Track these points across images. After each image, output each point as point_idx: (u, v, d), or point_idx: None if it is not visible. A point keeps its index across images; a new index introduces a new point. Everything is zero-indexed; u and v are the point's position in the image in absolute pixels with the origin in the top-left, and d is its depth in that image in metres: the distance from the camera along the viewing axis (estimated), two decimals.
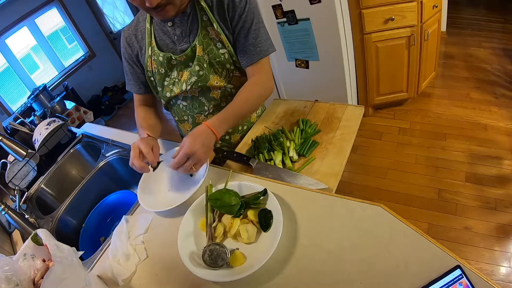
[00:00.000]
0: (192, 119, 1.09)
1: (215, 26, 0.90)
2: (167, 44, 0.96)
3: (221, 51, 0.94)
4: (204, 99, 1.02)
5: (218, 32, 0.91)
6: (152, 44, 0.96)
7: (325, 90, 2.27)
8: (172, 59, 0.95)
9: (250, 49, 0.93)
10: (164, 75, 0.99)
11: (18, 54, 3.89)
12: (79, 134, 1.54)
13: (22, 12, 3.81)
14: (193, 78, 0.96)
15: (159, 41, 0.96)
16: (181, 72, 0.98)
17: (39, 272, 0.68)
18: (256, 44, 0.93)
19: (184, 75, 0.97)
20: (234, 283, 0.67)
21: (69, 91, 3.92)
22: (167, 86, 1.01)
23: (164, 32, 0.94)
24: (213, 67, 0.96)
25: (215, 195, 0.81)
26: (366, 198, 0.75)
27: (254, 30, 0.91)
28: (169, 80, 1.00)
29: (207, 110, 1.04)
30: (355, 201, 0.73)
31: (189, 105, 1.05)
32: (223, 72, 0.98)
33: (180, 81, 0.98)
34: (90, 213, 1.21)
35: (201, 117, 1.07)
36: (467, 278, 0.54)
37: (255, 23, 0.91)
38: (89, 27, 4.51)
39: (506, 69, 2.61)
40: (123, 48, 1.02)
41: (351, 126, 1.03)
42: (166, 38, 0.95)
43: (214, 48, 0.93)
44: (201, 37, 0.92)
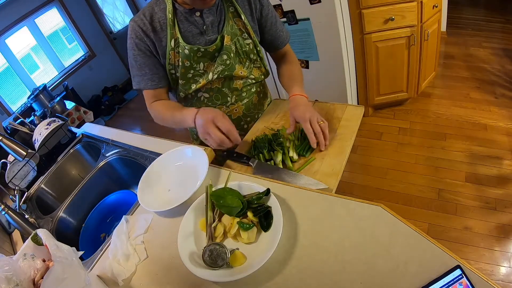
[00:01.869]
0: None
1: (243, 17, 0.96)
2: (193, 35, 0.93)
3: (247, 41, 1.00)
4: (227, 89, 1.05)
5: (245, 23, 0.97)
6: (175, 36, 0.92)
7: (325, 90, 2.27)
8: (200, 50, 0.94)
9: (281, 34, 1.07)
10: (189, 67, 0.97)
11: (18, 54, 3.89)
12: (79, 134, 1.54)
13: (22, 12, 3.81)
14: (220, 67, 0.98)
15: (184, 33, 0.93)
16: (206, 64, 0.99)
17: (39, 272, 0.68)
18: (282, 29, 1.08)
19: (210, 67, 1.00)
20: (234, 283, 0.67)
21: (69, 91, 3.92)
22: (192, 78, 0.99)
23: (191, 22, 0.92)
24: (239, 56, 1.01)
25: (218, 192, 0.81)
26: (366, 198, 0.75)
27: (276, 17, 1.04)
28: (194, 72, 0.98)
29: (229, 101, 1.08)
30: (355, 201, 0.73)
31: (211, 97, 1.06)
32: (246, 62, 1.04)
33: (206, 72, 1.00)
34: (90, 213, 1.21)
35: (223, 108, 1.09)
36: (467, 278, 0.54)
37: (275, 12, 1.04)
38: (89, 27, 4.52)
39: (506, 69, 2.61)
40: (137, 39, 0.92)
41: (351, 126, 1.03)
42: (193, 28, 0.93)
43: (240, 38, 0.98)
44: (229, 27, 0.95)
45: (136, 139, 1.29)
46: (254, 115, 1.19)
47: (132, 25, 0.92)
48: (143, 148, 1.22)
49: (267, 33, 1.05)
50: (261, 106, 1.22)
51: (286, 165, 0.95)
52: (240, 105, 1.12)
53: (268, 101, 1.27)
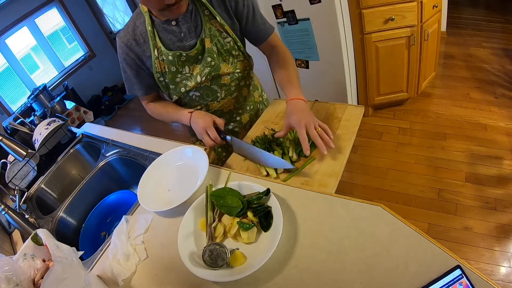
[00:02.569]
0: (205, 107, 1.14)
1: (218, 18, 0.97)
2: (173, 43, 0.98)
3: (227, 40, 1.01)
4: (216, 86, 1.09)
5: (221, 23, 0.98)
6: (157, 46, 0.97)
7: (325, 90, 2.26)
8: (182, 55, 0.98)
9: (262, 27, 1.05)
10: (176, 72, 1.02)
11: (18, 54, 3.89)
12: (79, 134, 1.54)
13: (22, 12, 3.81)
14: (206, 69, 1.02)
15: (165, 41, 0.98)
16: (192, 67, 1.02)
17: (39, 272, 0.68)
18: (263, 22, 1.05)
19: (196, 69, 1.02)
20: (234, 283, 0.67)
21: (69, 91, 3.92)
22: (180, 82, 1.05)
23: (168, 31, 0.97)
24: (221, 55, 1.03)
25: (218, 192, 0.81)
26: (366, 198, 0.75)
27: (257, 11, 1.02)
28: (181, 76, 1.03)
29: (219, 96, 1.12)
30: (355, 201, 0.73)
31: (202, 95, 1.10)
32: (229, 59, 1.05)
33: (193, 75, 1.03)
34: (90, 213, 1.21)
35: (214, 103, 1.13)
36: (467, 278, 0.54)
37: (254, 4, 1.02)
38: (89, 27, 4.51)
39: (506, 69, 2.61)
40: (123, 54, 1.01)
41: (351, 126, 1.03)
42: (172, 37, 0.97)
43: (220, 38, 1.00)
44: (207, 30, 0.97)
45: (136, 139, 1.29)
46: (245, 106, 1.23)
47: (118, 41, 1.01)
48: (143, 148, 1.22)
49: (247, 28, 1.04)
50: (251, 97, 1.24)
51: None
52: (230, 99, 1.15)
53: (259, 92, 1.30)
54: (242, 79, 1.14)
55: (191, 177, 0.95)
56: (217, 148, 1.27)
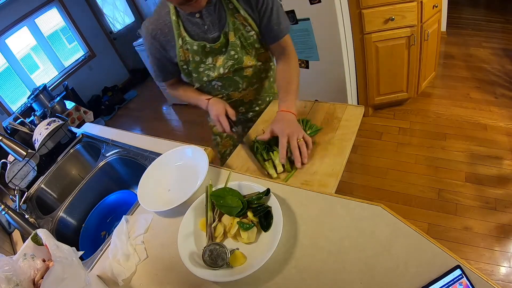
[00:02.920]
0: (226, 97, 1.17)
1: (242, 12, 0.98)
2: (198, 34, 1.01)
3: (250, 34, 1.03)
4: (238, 77, 1.11)
5: (245, 17, 0.99)
6: (182, 35, 1.00)
7: (325, 90, 2.26)
8: (207, 47, 1.01)
9: (275, 28, 1.03)
10: (199, 62, 1.05)
11: (18, 54, 3.89)
12: (79, 134, 1.54)
13: (22, 12, 3.81)
14: (229, 62, 1.04)
15: (190, 32, 1.01)
16: (215, 58, 1.05)
17: (39, 272, 0.68)
18: (279, 23, 1.03)
19: (219, 61, 1.05)
20: (234, 283, 0.67)
21: (69, 91, 3.92)
22: (203, 72, 1.08)
23: (193, 23, 0.99)
24: (244, 49, 1.05)
25: (218, 192, 0.81)
26: (366, 198, 0.75)
27: (275, 10, 1.00)
28: (205, 66, 1.06)
29: (241, 87, 1.15)
30: (355, 201, 0.73)
31: (224, 85, 1.13)
32: (252, 52, 1.07)
33: (216, 66, 1.06)
34: (90, 213, 1.21)
35: (235, 93, 1.16)
36: (467, 278, 0.54)
37: (275, 3, 1.00)
38: (89, 27, 4.52)
39: (506, 69, 2.61)
40: (148, 43, 1.05)
41: (351, 126, 1.03)
42: (196, 28, 1.00)
43: (243, 32, 1.02)
44: (231, 24, 0.99)
45: (136, 139, 1.29)
46: (265, 97, 1.26)
47: (143, 29, 1.04)
48: (143, 148, 1.22)
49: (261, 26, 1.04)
50: (271, 89, 1.27)
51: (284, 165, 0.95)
52: (251, 89, 1.18)
53: None
54: (263, 71, 1.17)
55: (191, 177, 0.95)
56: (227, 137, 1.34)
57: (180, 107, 3.81)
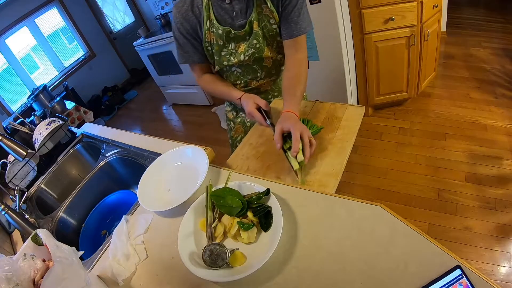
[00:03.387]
0: (244, 84, 1.20)
1: (269, 4, 1.00)
2: (225, 20, 1.04)
3: (273, 26, 1.05)
4: (258, 67, 1.14)
5: (271, 10, 1.01)
6: (210, 18, 1.04)
7: (325, 90, 2.27)
8: (231, 33, 1.04)
9: (292, 25, 1.03)
10: (222, 46, 1.08)
11: (18, 54, 3.89)
12: (79, 134, 1.54)
13: (22, 12, 3.81)
14: (250, 50, 1.07)
15: (218, 16, 1.04)
16: (238, 44, 1.08)
17: (39, 272, 0.68)
18: (297, 21, 1.02)
19: (241, 47, 1.08)
20: (234, 283, 0.67)
21: (69, 91, 3.92)
22: (224, 56, 1.11)
23: (222, 8, 1.02)
24: (266, 40, 1.07)
25: (218, 192, 0.81)
26: (366, 198, 0.75)
27: (298, 8, 1.01)
28: (227, 50, 1.09)
29: (259, 76, 1.17)
30: (355, 201, 0.73)
31: (243, 72, 1.16)
32: (273, 44, 1.10)
33: (238, 52, 1.09)
34: (90, 213, 1.21)
35: (253, 82, 1.19)
36: (467, 278, 0.54)
37: (300, 2, 1.01)
38: (89, 27, 4.52)
39: (506, 69, 2.61)
40: (178, 24, 1.07)
41: (352, 126, 1.03)
42: (224, 14, 1.03)
43: (267, 23, 1.04)
44: (257, 14, 1.01)
45: (136, 139, 1.29)
46: (280, 90, 1.27)
47: (174, 11, 1.08)
48: (143, 148, 1.22)
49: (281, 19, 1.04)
50: None
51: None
52: (269, 80, 1.21)
53: None
54: (283, 64, 1.18)
55: (191, 177, 0.95)
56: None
57: (180, 107, 3.81)
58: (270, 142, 1.08)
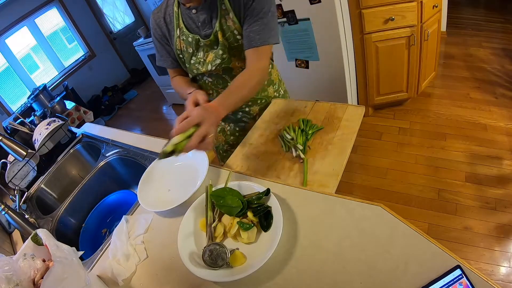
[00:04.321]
0: (216, 93, 1.18)
1: (231, 15, 0.97)
2: (193, 29, 1.04)
3: (238, 37, 1.01)
4: (227, 77, 1.11)
5: (234, 21, 0.98)
6: (180, 26, 1.04)
7: (325, 90, 2.27)
8: (200, 41, 1.04)
9: (251, 36, 0.96)
10: (192, 54, 1.08)
11: (18, 54, 3.89)
12: (79, 134, 1.54)
13: (22, 12, 3.81)
14: (217, 60, 1.05)
15: (187, 25, 1.04)
16: (207, 53, 1.06)
17: (39, 272, 0.68)
18: (259, 31, 0.95)
19: (210, 56, 1.06)
20: (234, 283, 0.67)
21: (69, 91, 3.92)
22: (194, 65, 1.10)
23: (190, 17, 1.02)
24: (232, 50, 1.04)
25: (218, 192, 0.81)
26: (366, 198, 0.75)
27: (260, 18, 0.95)
28: (196, 59, 1.08)
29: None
30: (355, 201, 0.72)
31: (214, 81, 1.14)
32: (241, 54, 1.05)
33: (206, 62, 1.07)
34: (90, 213, 1.21)
35: None
36: (467, 278, 0.54)
37: (264, 12, 0.94)
38: (89, 27, 4.52)
39: (506, 69, 2.61)
40: (153, 29, 1.11)
41: (352, 126, 1.03)
42: (192, 23, 1.03)
43: (231, 34, 1.00)
44: (220, 24, 0.99)
45: (136, 139, 1.29)
46: (256, 100, 1.24)
47: (151, 17, 1.11)
48: (143, 148, 1.22)
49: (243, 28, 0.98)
50: (264, 92, 1.24)
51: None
52: None
53: (275, 87, 1.27)
54: None
55: (191, 177, 0.95)
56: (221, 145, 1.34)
57: (180, 107, 3.81)
58: (270, 142, 1.08)
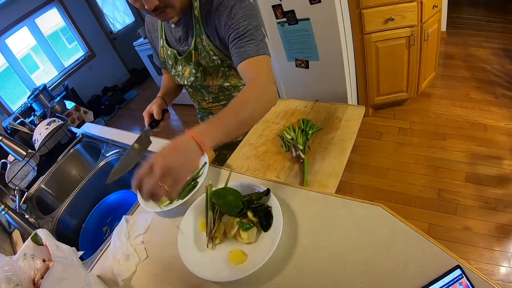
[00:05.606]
0: (197, 102, 1.21)
1: (204, 37, 0.93)
2: (172, 42, 1.04)
3: (214, 57, 0.97)
4: (204, 91, 1.12)
5: (207, 43, 0.94)
6: (163, 37, 1.05)
7: (325, 90, 2.26)
8: (177, 56, 1.04)
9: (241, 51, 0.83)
10: (171, 66, 1.09)
11: (18, 54, 3.89)
12: (79, 134, 1.54)
13: (22, 12, 3.81)
14: (191, 77, 1.05)
15: (167, 37, 1.05)
16: (185, 68, 1.06)
17: (39, 272, 0.68)
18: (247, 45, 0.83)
19: (187, 71, 1.06)
20: (234, 283, 0.67)
21: (69, 91, 3.92)
22: (174, 76, 1.12)
23: (169, 31, 1.02)
24: (208, 70, 1.01)
25: (218, 192, 0.81)
26: (366, 198, 0.75)
27: (247, 35, 0.83)
28: (175, 71, 1.10)
29: (207, 99, 1.15)
30: (355, 201, 0.73)
31: (194, 92, 1.16)
32: (219, 73, 1.03)
33: (184, 75, 1.07)
34: (90, 213, 1.21)
35: (204, 103, 1.17)
36: (467, 278, 0.54)
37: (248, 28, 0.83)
38: (89, 27, 4.52)
39: (506, 69, 2.61)
40: (147, 31, 1.14)
41: (352, 126, 1.03)
42: (171, 36, 1.03)
43: (207, 54, 0.97)
44: (196, 44, 0.96)
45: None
46: None
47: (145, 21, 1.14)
48: None
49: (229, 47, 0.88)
50: None
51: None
52: (218, 105, 1.15)
53: None
54: (234, 90, 1.10)
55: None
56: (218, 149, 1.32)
57: (180, 107, 3.81)
58: (270, 142, 1.08)
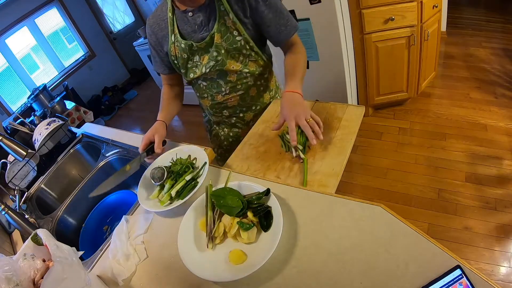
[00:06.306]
0: (211, 97, 1.18)
1: (231, 16, 0.97)
2: (188, 33, 1.03)
3: (238, 38, 1.01)
4: (222, 81, 1.11)
5: (234, 21, 0.98)
6: (174, 32, 1.04)
7: (325, 90, 2.27)
8: (193, 46, 1.03)
9: (282, 29, 1.03)
10: (187, 59, 1.08)
11: (18, 54, 3.89)
12: (79, 134, 1.54)
13: (22, 12, 3.81)
14: (211, 62, 1.05)
15: (181, 30, 1.04)
16: (202, 56, 1.06)
17: (39, 272, 0.68)
18: (286, 23, 1.03)
19: (205, 59, 1.06)
20: (234, 283, 0.67)
21: (69, 91, 3.92)
22: (190, 69, 1.10)
23: (185, 22, 1.02)
24: (230, 53, 1.04)
25: (218, 192, 0.81)
26: (366, 198, 0.75)
27: (280, 11, 1.00)
28: (192, 63, 1.09)
29: (224, 91, 1.14)
30: (355, 201, 0.72)
31: (208, 85, 1.14)
32: (239, 57, 1.06)
33: (202, 63, 1.07)
34: (90, 213, 1.21)
35: (219, 96, 1.16)
36: (467, 278, 0.54)
37: (279, 3, 0.99)
38: (89, 27, 4.52)
39: (506, 69, 2.61)
40: (148, 36, 1.12)
41: (352, 126, 1.03)
42: (187, 27, 1.02)
43: (231, 35, 1.00)
44: (219, 26, 0.98)
45: (136, 139, 1.29)
46: (250, 106, 1.22)
47: (146, 23, 1.12)
48: None
49: (267, 31, 1.04)
50: (260, 98, 1.22)
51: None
52: (235, 95, 1.16)
53: (271, 94, 1.27)
54: (251, 79, 1.14)
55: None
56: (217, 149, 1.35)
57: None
58: (270, 142, 1.08)
